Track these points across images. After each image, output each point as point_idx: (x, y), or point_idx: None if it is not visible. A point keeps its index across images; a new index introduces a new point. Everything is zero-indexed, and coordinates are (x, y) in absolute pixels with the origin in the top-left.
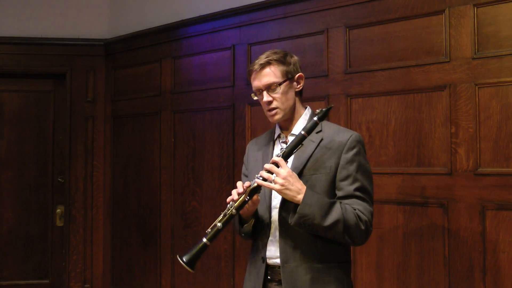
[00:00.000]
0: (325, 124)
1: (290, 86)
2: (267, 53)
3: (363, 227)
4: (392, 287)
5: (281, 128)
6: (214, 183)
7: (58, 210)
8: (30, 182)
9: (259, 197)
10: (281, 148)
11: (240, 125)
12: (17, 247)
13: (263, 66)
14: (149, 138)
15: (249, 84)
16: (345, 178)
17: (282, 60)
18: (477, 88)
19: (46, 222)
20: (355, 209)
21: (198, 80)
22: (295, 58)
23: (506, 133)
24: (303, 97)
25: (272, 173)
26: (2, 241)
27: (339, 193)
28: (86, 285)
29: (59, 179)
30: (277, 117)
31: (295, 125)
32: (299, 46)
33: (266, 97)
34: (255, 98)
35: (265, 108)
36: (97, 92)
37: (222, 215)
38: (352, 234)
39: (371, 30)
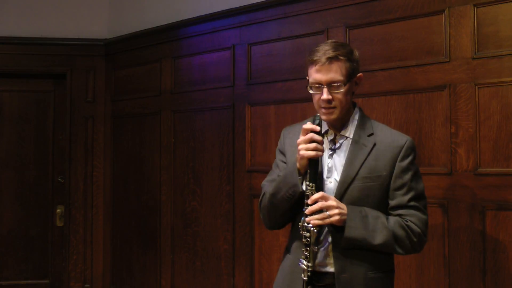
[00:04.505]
0: (376, 126)
1: (351, 86)
2: (333, 44)
3: (415, 239)
4: None
5: (328, 124)
6: (214, 183)
7: (58, 210)
8: (30, 182)
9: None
10: (307, 184)
11: (240, 125)
12: (17, 247)
13: (331, 60)
14: (149, 138)
15: (249, 84)
16: (400, 187)
17: (350, 57)
18: (477, 88)
19: (46, 222)
20: (407, 221)
21: (198, 80)
22: (357, 55)
23: (506, 133)
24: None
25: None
26: (2, 241)
27: (392, 203)
28: (86, 285)
29: (59, 179)
30: (332, 116)
31: (346, 125)
32: (299, 46)
33: (326, 94)
34: (311, 91)
35: (321, 104)
36: (97, 92)
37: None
38: (403, 246)
39: (371, 30)
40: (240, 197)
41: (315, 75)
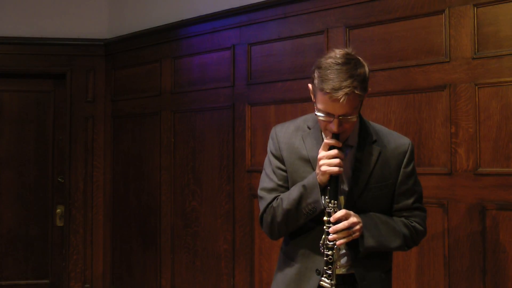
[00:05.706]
0: (376, 130)
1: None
2: (348, 69)
3: (418, 237)
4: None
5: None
6: (214, 183)
7: (58, 210)
8: (30, 182)
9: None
10: (328, 202)
11: (240, 125)
12: (17, 247)
13: (347, 94)
14: (149, 138)
15: (249, 84)
16: (404, 192)
17: (363, 86)
18: (477, 88)
19: (46, 222)
20: (412, 222)
21: (198, 80)
22: (368, 71)
23: (506, 133)
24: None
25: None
26: (2, 241)
27: (397, 206)
28: (86, 285)
29: (59, 179)
30: (341, 139)
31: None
32: (299, 46)
33: (336, 126)
34: (320, 118)
35: (329, 130)
36: (97, 92)
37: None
38: (409, 244)
39: (371, 30)
40: (240, 197)
41: (326, 106)
